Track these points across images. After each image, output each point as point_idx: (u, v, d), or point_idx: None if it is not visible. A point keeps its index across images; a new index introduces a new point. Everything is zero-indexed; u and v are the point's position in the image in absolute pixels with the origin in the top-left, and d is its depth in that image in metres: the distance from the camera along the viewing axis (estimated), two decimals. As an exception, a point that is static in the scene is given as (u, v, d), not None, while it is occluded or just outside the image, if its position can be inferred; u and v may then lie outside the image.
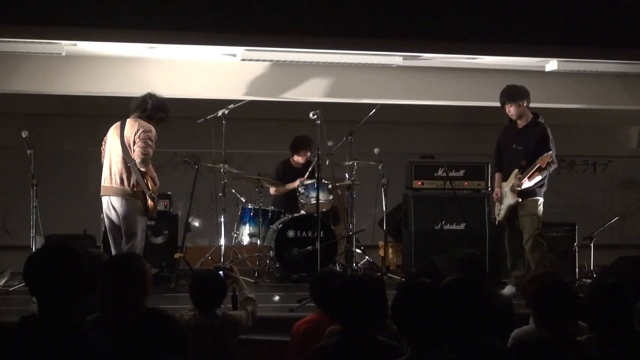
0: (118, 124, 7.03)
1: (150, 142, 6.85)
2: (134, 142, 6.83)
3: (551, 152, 7.06)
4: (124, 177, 6.84)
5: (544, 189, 7.24)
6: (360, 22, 6.77)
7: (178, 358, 2.99)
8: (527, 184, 7.08)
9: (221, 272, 4.70)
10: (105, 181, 6.95)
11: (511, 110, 7.24)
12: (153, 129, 6.92)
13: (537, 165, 6.99)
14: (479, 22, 6.89)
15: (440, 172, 8.66)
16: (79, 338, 3.00)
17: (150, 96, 7.05)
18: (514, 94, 7.25)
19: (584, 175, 12.30)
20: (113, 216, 6.93)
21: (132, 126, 6.90)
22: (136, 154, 6.82)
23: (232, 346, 4.52)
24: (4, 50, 7.58)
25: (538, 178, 7.09)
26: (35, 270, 3.10)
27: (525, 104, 7.26)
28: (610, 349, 3.58)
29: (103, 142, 7.12)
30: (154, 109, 7.00)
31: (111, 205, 6.91)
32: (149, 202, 6.88)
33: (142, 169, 6.83)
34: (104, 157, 7.07)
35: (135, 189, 6.85)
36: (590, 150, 12.16)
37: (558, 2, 7.01)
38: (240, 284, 4.84)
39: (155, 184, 6.96)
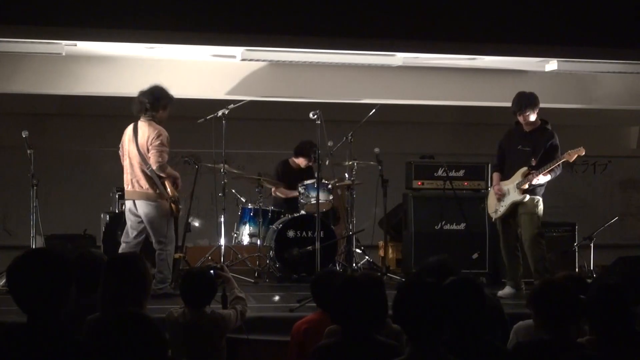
0: (131, 127, 7.03)
1: (163, 147, 6.90)
2: (148, 150, 6.88)
3: (581, 147, 7.18)
4: (147, 181, 6.90)
5: (543, 189, 7.25)
6: (360, 22, 6.77)
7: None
8: (542, 179, 7.11)
9: (212, 271, 4.71)
10: (128, 185, 7.00)
11: (531, 117, 7.20)
12: (164, 131, 6.94)
13: (564, 160, 7.07)
14: (479, 22, 6.89)
15: (440, 172, 8.66)
16: (68, 343, 2.97)
17: (143, 94, 7.01)
18: (534, 101, 7.20)
19: (584, 175, 12.29)
20: (136, 219, 6.99)
21: (143, 132, 6.93)
22: (152, 162, 6.87)
23: (219, 344, 4.53)
24: (4, 50, 7.58)
25: (547, 177, 7.13)
26: (17, 282, 3.05)
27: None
28: (611, 350, 3.58)
29: (120, 146, 7.15)
30: (154, 102, 6.98)
31: (135, 209, 6.96)
32: (172, 205, 6.96)
33: (162, 175, 6.89)
34: (123, 160, 7.10)
35: (159, 192, 6.91)
36: (590, 150, 12.05)
37: (558, 2, 7.01)
38: (230, 283, 4.85)
39: (177, 185, 7.04)
